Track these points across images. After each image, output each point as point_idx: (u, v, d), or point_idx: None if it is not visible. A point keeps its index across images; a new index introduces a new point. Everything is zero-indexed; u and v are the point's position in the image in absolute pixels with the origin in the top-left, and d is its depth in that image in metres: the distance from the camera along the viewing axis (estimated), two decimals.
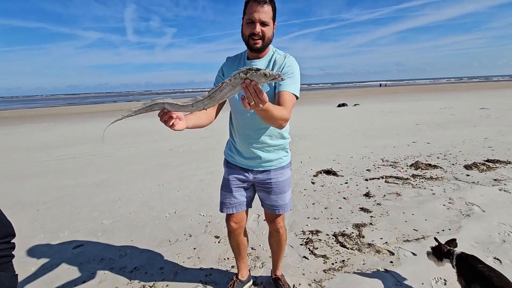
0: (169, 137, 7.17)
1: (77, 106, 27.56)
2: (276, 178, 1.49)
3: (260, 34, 1.23)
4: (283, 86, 1.23)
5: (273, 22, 1.28)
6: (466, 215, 2.52)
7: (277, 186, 1.49)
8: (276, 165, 1.48)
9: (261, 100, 0.89)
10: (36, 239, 2.48)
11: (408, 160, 4.26)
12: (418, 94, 22.23)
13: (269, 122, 1.13)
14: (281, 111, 1.11)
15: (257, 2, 1.19)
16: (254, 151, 1.43)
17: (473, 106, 10.75)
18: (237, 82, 0.88)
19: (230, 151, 1.56)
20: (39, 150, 6.49)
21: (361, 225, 2.42)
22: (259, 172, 1.49)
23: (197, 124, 1.22)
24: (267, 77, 0.84)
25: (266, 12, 1.21)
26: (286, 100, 1.20)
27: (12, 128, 11.51)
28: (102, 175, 4.31)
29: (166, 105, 0.99)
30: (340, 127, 7.60)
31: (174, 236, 2.44)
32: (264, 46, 1.28)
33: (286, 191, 1.53)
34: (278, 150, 1.47)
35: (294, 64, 1.30)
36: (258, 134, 1.40)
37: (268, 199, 1.53)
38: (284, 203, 1.53)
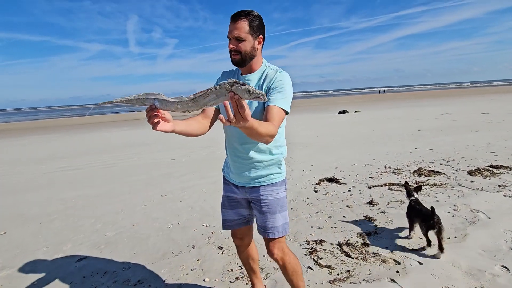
0: (171, 147, 7.20)
1: (80, 117, 27.82)
2: (266, 195, 1.40)
3: (235, 50, 1.24)
4: (272, 101, 1.21)
5: (254, 37, 1.25)
6: (471, 222, 2.49)
7: (267, 204, 1.40)
8: (266, 181, 1.40)
9: (242, 117, 0.86)
10: (39, 253, 2.48)
11: (411, 166, 4.25)
12: (419, 100, 22.28)
13: (254, 139, 1.10)
14: (267, 127, 1.07)
15: (232, 19, 1.23)
16: (242, 166, 1.39)
17: (474, 111, 10.76)
18: (222, 92, 0.86)
19: (226, 167, 1.54)
20: (42, 162, 6.52)
21: (366, 234, 2.40)
22: (249, 189, 1.43)
23: (186, 130, 1.18)
24: (250, 94, 0.82)
25: (240, 27, 1.21)
26: (274, 114, 1.17)
27: (16, 140, 11.61)
28: (105, 186, 4.32)
29: (156, 101, 0.97)
30: (341, 134, 7.61)
31: (177, 247, 2.42)
32: (243, 60, 1.27)
33: (277, 211, 1.41)
34: (268, 166, 1.40)
35: (285, 79, 1.28)
36: (245, 149, 1.36)
37: (259, 218, 1.44)
38: (274, 225, 1.40)
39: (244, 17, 1.21)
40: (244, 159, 1.37)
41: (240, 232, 1.60)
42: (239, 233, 1.60)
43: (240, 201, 1.51)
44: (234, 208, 1.53)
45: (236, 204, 1.52)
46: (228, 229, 1.57)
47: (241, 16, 1.21)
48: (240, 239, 1.61)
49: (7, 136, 13.55)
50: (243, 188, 1.45)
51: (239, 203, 1.51)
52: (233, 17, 1.23)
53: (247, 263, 1.70)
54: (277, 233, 1.40)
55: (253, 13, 1.24)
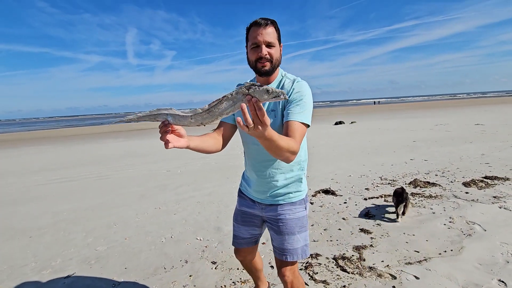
0: (167, 158, 7.15)
1: (76, 128, 27.68)
2: (285, 215, 1.31)
3: (267, 57, 1.16)
4: (291, 115, 1.11)
5: (279, 43, 1.21)
6: (467, 234, 2.47)
7: (285, 224, 1.30)
8: (285, 200, 1.32)
9: (261, 121, 0.79)
10: (27, 268, 2.40)
11: (407, 178, 4.25)
12: (414, 111, 22.56)
13: (274, 154, 1.00)
14: (288, 142, 0.99)
15: (259, 25, 1.14)
16: (261, 183, 1.31)
17: (468, 122, 10.90)
18: (238, 98, 0.81)
19: (243, 179, 1.48)
20: (35, 173, 6.43)
21: (362, 247, 2.37)
22: (267, 206, 1.35)
23: (201, 146, 1.12)
24: (269, 94, 0.76)
25: (270, 33, 1.14)
26: (295, 130, 1.08)
27: (10, 151, 11.47)
28: (98, 199, 4.25)
29: (169, 116, 0.93)
30: (337, 145, 7.64)
31: (169, 262, 2.37)
32: (273, 69, 1.20)
33: (296, 232, 1.30)
34: (288, 185, 1.31)
35: (303, 89, 1.18)
36: (265, 167, 1.29)
37: (276, 239, 1.35)
38: (293, 247, 1.30)
39: (271, 24, 1.15)
40: (262, 177, 1.30)
41: (245, 251, 1.53)
42: (243, 251, 1.53)
43: (254, 217, 1.43)
44: (246, 225, 1.45)
45: (250, 220, 1.44)
46: (238, 246, 1.51)
47: (268, 22, 1.15)
48: (243, 257, 1.57)
49: (2, 147, 13.40)
50: (260, 204, 1.38)
51: (253, 220, 1.44)
52: (260, 22, 1.14)
53: (252, 272, 1.69)
54: (296, 256, 1.31)
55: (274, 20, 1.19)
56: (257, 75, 1.27)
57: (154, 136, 13.37)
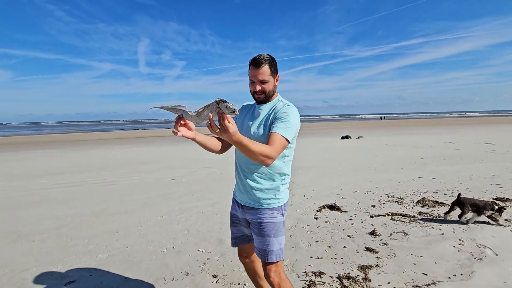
0: (172, 166, 7.17)
1: (85, 133, 28.13)
2: (263, 218, 1.45)
3: (260, 91, 1.41)
4: (274, 128, 1.32)
5: (274, 76, 1.43)
6: (478, 258, 2.38)
7: (263, 227, 1.44)
8: (264, 205, 1.46)
9: (224, 126, 1.05)
10: (28, 273, 2.39)
11: (414, 196, 4.16)
12: (421, 128, 22.35)
13: (249, 157, 1.21)
14: (261, 148, 1.19)
15: (254, 65, 1.38)
16: (245, 185, 1.47)
17: (477, 141, 10.72)
18: (213, 108, 1.07)
19: (235, 185, 1.62)
20: (42, 177, 6.51)
21: (367, 267, 2.29)
22: (248, 209, 1.50)
23: (205, 142, 1.36)
24: (228, 109, 1.03)
25: (263, 72, 1.37)
26: (274, 140, 1.28)
27: (19, 154, 11.68)
28: (102, 205, 4.26)
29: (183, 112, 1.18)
30: (343, 160, 7.57)
31: (170, 274, 2.32)
32: (266, 98, 1.45)
33: (271, 235, 1.44)
34: (268, 190, 1.46)
35: (290, 111, 1.39)
36: (249, 169, 1.46)
37: (256, 240, 1.49)
38: (268, 249, 1.44)
39: (265, 62, 1.37)
40: (247, 179, 1.46)
41: (245, 251, 1.68)
42: (244, 251, 1.69)
43: (241, 220, 1.59)
44: (236, 226, 1.62)
45: (238, 222, 1.60)
46: (234, 246, 1.67)
47: (262, 62, 1.37)
48: (245, 257, 1.70)
49: (12, 150, 13.66)
50: (243, 208, 1.53)
51: (240, 222, 1.59)
52: (256, 63, 1.37)
53: (254, 280, 1.77)
54: (271, 257, 1.44)
55: (269, 57, 1.40)
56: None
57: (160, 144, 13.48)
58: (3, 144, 17.76)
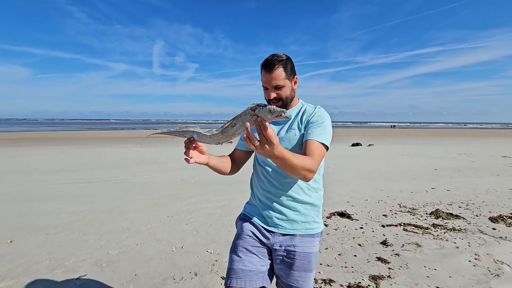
0: (181, 168, 7.24)
1: (98, 131, 28.77)
2: (303, 247, 1.18)
3: (276, 98, 1.20)
4: (311, 135, 1.12)
5: (290, 79, 1.21)
6: (495, 274, 2.30)
7: (303, 259, 1.17)
8: (304, 230, 1.21)
9: (267, 140, 0.82)
10: (42, 265, 2.44)
11: (428, 207, 4.06)
12: (435, 138, 21.87)
13: (290, 173, 1.00)
14: (303, 160, 0.99)
15: (266, 69, 1.17)
16: (277, 206, 1.22)
17: (494, 154, 10.40)
18: (246, 118, 0.86)
19: (249, 205, 1.37)
20: (56, 172, 6.68)
21: (378, 277, 2.24)
22: (281, 235, 1.21)
23: (218, 166, 1.19)
24: (272, 114, 0.81)
25: (277, 76, 1.16)
26: (314, 149, 1.09)
27: (35, 149, 12.04)
28: (113, 202, 4.33)
29: (194, 134, 1.03)
30: (354, 168, 7.47)
31: (179, 273, 2.34)
32: (285, 105, 1.22)
33: (312, 269, 1.20)
34: (307, 210, 1.22)
35: (324, 114, 1.22)
36: (283, 185, 1.21)
37: (288, 276, 1.19)
38: (305, 286, 1.19)
39: (278, 64, 1.15)
40: (280, 197, 1.21)
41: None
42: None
43: (262, 248, 1.23)
44: (251, 254, 1.21)
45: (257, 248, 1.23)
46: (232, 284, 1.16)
47: (275, 64, 1.15)
48: None
49: (29, 145, 14.10)
50: (273, 234, 1.22)
51: (261, 250, 1.23)
52: (267, 66, 1.16)
53: None
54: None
55: (283, 57, 1.18)
56: None
57: (170, 144, 13.64)
58: (21, 139, 18.36)
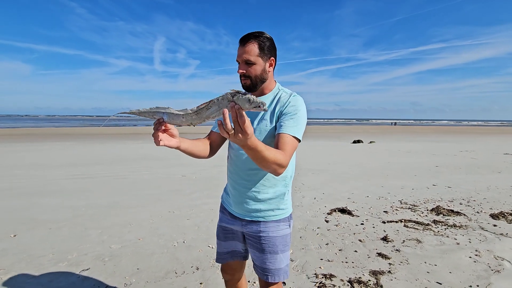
0: (183, 163, 7.26)
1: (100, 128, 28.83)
2: (267, 232, 1.24)
3: (245, 74, 1.15)
4: (284, 128, 1.09)
5: (265, 59, 1.15)
6: (495, 271, 2.30)
7: (268, 242, 1.24)
8: (269, 217, 1.25)
9: (242, 129, 0.80)
10: (45, 259, 2.47)
11: (428, 204, 4.06)
12: (436, 135, 21.80)
13: (260, 165, 0.98)
14: (275, 154, 0.98)
15: (240, 43, 1.14)
16: (243, 195, 1.25)
17: (496, 151, 10.37)
18: (224, 103, 0.83)
19: (225, 193, 1.41)
20: (59, 167, 6.71)
21: (379, 273, 2.26)
22: (248, 222, 1.27)
23: (190, 149, 1.14)
24: (250, 103, 0.78)
25: (249, 51, 1.11)
26: (286, 143, 1.06)
27: (38, 145, 12.09)
28: (115, 197, 4.35)
29: (164, 115, 0.97)
30: (355, 164, 7.46)
31: (181, 267, 2.36)
32: (254, 85, 1.17)
33: (279, 252, 1.24)
34: (271, 199, 1.25)
35: (299, 103, 1.16)
36: (249, 176, 1.23)
37: (259, 259, 1.27)
38: (275, 267, 1.24)
39: (253, 39, 1.12)
40: (245, 187, 1.24)
41: (232, 268, 1.43)
42: (230, 268, 1.43)
43: (235, 233, 1.36)
44: (228, 240, 1.38)
45: (231, 236, 1.37)
46: (221, 262, 1.41)
47: (250, 38, 1.12)
48: (231, 275, 1.45)
49: (32, 141, 14.15)
50: (240, 220, 1.29)
51: (234, 236, 1.36)
52: (242, 39, 1.13)
53: None
54: (278, 276, 1.24)
55: (263, 34, 1.14)
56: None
57: None
58: (23, 135, 18.43)
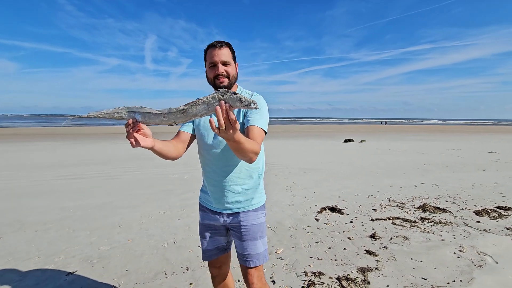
0: (175, 163, 7.21)
1: (89, 127, 28.31)
2: (247, 221, 1.38)
3: (224, 73, 1.28)
4: (252, 121, 1.25)
5: (234, 62, 1.34)
6: (478, 265, 2.38)
7: (248, 230, 1.37)
8: (246, 207, 1.38)
9: (232, 125, 0.89)
10: (31, 262, 2.42)
11: (416, 201, 4.15)
12: (425, 134, 22.25)
13: (239, 155, 1.10)
14: (252, 144, 1.10)
15: (214, 47, 1.27)
16: (221, 190, 1.36)
17: (481, 149, 10.66)
18: (212, 102, 0.88)
19: (203, 192, 1.50)
20: (46, 168, 6.57)
21: (367, 270, 2.30)
22: (228, 216, 1.40)
23: (162, 150, 1.20)
24: (241, 102, 0.84)
25: (225, 53, 1.28)
26: (256, 134, 1.21)
27: (25, 145, 11.79)
28: (105, 198, 4.30)
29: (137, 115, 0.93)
30: (346, 163, 7.56)
31: (170, 268, 2.35)
32: (231, 84, 1.32)
33: (258, 238, 1.39)
34: (248, 190, 1.38)
35: (261, 101, 1.33)
36: (225, 172, 1.35)
37: (240, 246, 1.40)
38: (255, 252, 1.37)
39: (225, 45, 1.29)
40: (223, 182, 1.35)
41: (218, 261, 1.53)
42: (217, 262, 1.53)
43: (218, 229, 1.46)
44: (212, 237, 1.48)
45: (214, 232, 1.47)
46: (208, 259, 1.51)
47: (222, 44, 1.29)
48: (218, 268, 1.54)
49: (19, 141, 13.79)
50: (221, 215, 1.41)
51: (217, 231, 1.47)
52: (215, 44, 1.28)
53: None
54: (258, 260, 1.37)
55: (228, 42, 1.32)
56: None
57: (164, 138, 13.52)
58: (10, 134, 17.93)
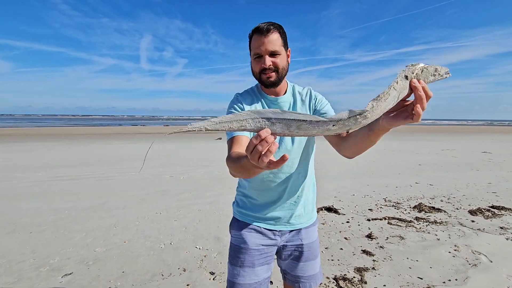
0: (171, 164, 7.18)
1: (84, 127, 28.02)
2: (308, 238, 1.16)
3: (271, 67, 1.03)
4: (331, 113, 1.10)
5: (285, 50, 1.07)
6: (473, 264, 2.41)
7: (309, 249, 1.15)
8: (307, 222, 1.17)
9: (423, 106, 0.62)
10: (25, 264, 2.39)
11: (411, 201, 4.19)
12: (420, 134, 22.46)
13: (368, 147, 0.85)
14: None
15: (260, 33, 1.00)
16: (283, 204, 1.13)
17: (475, 149, 10.79)
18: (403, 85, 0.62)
19: (242, 207, 1.21)
20: (40, 169, 6.49)
21: (363, 269, 2.32)
22: (287, 233, 1.15)
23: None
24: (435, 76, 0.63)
25: (273, 41, 1.01)
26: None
27: (16, 146, 11.63)
28: (100, 199, 4.26)
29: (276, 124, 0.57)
30: (341, 163, 7.59)
31: (167, 269, 2.34)
32: (280, 79, 1.06)
33: (317, 255, 1.19)
34: (309, 201, 1.18)
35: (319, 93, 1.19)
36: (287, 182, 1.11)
37: (295, 269, 1.16)
38: (314, 272, 1.17)
39: (275, 29, 1.02)
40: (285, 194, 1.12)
41: None
42: None
43: (269, 253, 1.15)
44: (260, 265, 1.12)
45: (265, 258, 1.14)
46: None
47: (270, 28, 1.00)
48: None
49: (11, 141, 13.59)
50: (278, 233, 1.14)
51: (269, 255, 1.15)
52: (263, 29, 1.00)
53: None
54: (318, 280, 1.19)
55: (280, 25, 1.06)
56: (263, 87, 1.13)
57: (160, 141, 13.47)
58: (2, 135, 17.67)
